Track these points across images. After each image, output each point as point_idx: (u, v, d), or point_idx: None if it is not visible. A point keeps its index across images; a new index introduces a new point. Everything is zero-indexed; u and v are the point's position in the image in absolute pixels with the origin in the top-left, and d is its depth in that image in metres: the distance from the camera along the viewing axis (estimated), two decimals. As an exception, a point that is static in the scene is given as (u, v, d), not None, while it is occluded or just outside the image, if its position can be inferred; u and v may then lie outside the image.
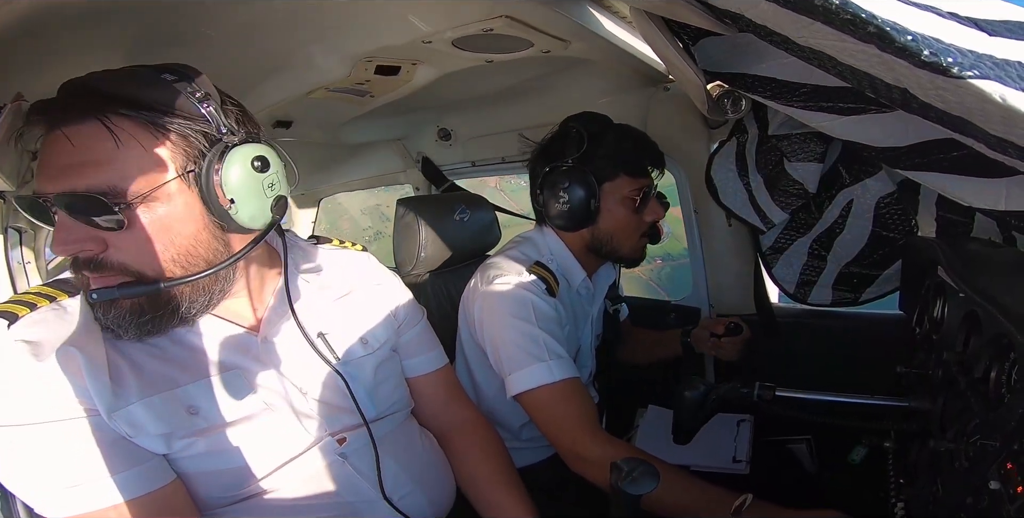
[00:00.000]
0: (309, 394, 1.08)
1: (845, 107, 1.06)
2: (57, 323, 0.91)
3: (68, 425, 0.86)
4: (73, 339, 0.89)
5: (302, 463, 1.04)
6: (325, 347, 1.12)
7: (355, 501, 1.08)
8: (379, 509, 1.10)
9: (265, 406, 1.01)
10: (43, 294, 0.94)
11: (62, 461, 0.85)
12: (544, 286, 1.52)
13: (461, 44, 1.42)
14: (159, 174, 0.86)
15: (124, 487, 0.88)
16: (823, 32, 0.61)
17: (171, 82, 0.88)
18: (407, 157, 2.88)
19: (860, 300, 1.90)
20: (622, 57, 1.60)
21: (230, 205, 0.91)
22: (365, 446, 1.11)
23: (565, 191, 1.53)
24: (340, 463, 1.08)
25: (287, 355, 1.07)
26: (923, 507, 0.94)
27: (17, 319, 0.89)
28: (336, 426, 1.09)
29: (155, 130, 0.85)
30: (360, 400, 1.13)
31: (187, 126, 0.87)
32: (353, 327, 1.18)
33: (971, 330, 0.97)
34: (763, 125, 1.78)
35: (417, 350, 1.34)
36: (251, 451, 0.99)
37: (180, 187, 0.88)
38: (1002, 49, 0.49)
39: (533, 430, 1.61)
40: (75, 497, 0.85)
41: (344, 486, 1.07)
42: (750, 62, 1.15)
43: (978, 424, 0.80)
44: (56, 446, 0.85)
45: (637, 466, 0.91)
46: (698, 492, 1.21)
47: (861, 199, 1.75)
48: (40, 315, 0.91)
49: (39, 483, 0.85)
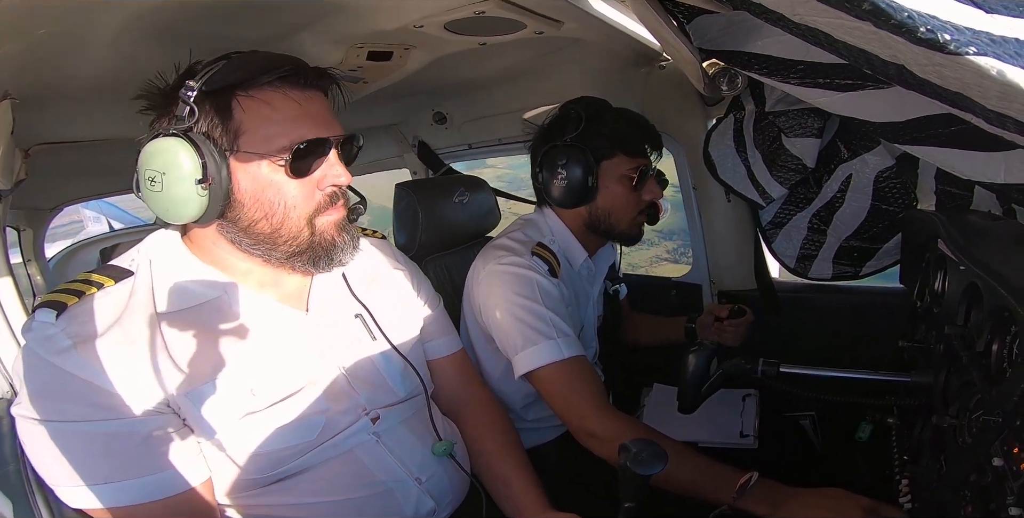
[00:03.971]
0: (349, 371, 1.12)
1: (842, 83, 1.05)
2: (107, 312, 0.94)
3: (102, 425, 0.88)
4: (127, 329, 0.93)
5: (339, 442, 1.07)
6: (364, 326, 1.17)
7: (387, 481, 1.11)
8: (409, 489, 1.13)
9: (310, 382, 1.06)
10: (91, 281, 0.97)
11: (91, 459, 0.88)
12: (547, 267, 1.53)
13: (453, 27, 1.40)
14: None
15: (146, 490, 0.90)
16: (818, 9, 0.60)
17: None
18: (403, 142, 2.87)
19: (860, 274, 1.90)
20: (616, 37, 1.59)
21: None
22: (397, 425, 1.15)
23: (563, 168, 1.54)
24: (374, 442, 1.11)
25: (330, 332, 1.12)
26: (927, 484, 0.95)
27: (65, 309, 0.91)
28: (372, 404, 1.13)
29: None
30: (393, 379, 1.17)
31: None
32: (383, 309, 1.21)
33: (972, 303, 0.97)
34: (760, 101, 1.77)
35: (437, 333, 1.38)
36: (294, 429, 1.02)
37: None
38: (1000, 26, 0.48)
39: (538, 411, 1.63)
40: (97, 494, 0.88)
41: (377, 466, 1.10)
42: (745, 40, 1.14)
43: (980, 399, 0.81)
44: (87, 444, 0.88)
45: (645, 447, 0.92)
46: (704, 469, 1.22)
47: (860, 173, 1.74)
48: (88, 304, 0.93)
49: (64, 476, 0.88)
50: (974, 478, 0.76)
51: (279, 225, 1.01)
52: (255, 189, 0.98)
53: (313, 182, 1.02)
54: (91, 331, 0.90)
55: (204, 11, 1.11)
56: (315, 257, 1.05)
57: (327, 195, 1.03)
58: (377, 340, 1.18)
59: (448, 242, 2.02)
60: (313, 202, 1.02)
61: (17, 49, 1.00)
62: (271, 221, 1.00)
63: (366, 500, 1.08)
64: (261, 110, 0.96)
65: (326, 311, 1.14)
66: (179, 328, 0.97)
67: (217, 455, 0.98)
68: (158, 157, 0.93)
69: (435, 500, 1.15)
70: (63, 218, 3.43)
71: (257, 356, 1.01)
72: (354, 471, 1.08)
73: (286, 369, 1.04)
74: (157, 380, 0.92)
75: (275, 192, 0.99)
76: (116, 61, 1.15)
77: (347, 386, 1.10)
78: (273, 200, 0.99)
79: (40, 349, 0.88)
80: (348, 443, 1.08)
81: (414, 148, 2.85)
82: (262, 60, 0.97)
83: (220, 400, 0.96)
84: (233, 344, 1.00)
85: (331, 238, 1.05)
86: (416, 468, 1.14)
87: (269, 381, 1.01)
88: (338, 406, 1.08)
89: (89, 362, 0.87)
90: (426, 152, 2.83)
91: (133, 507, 0.89)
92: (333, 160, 1.03)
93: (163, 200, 0.94)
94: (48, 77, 1.17)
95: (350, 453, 1.08)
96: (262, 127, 0.96)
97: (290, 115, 0.98)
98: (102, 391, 0.88)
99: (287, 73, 0.97)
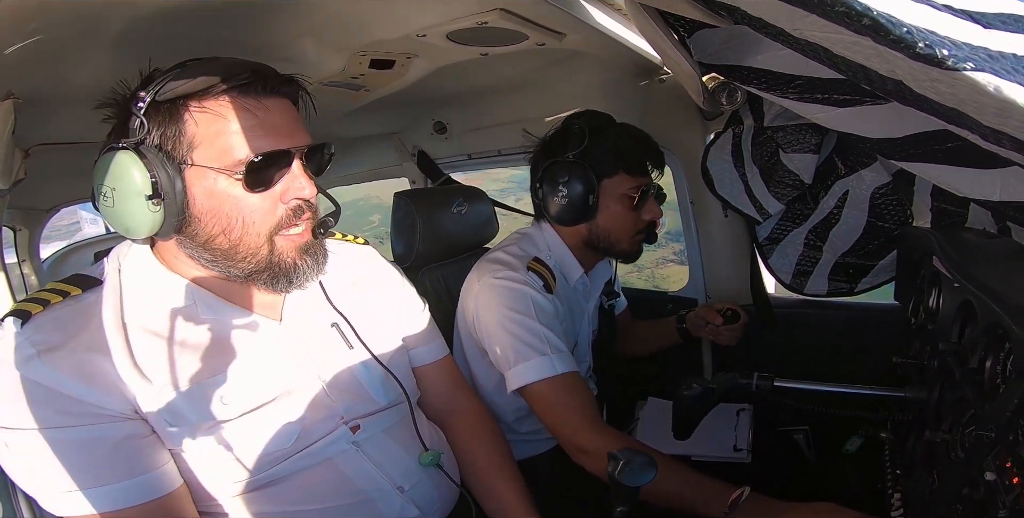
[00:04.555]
0: (326, 381, 1.10)
1: (840, 99, 1.06)
2: (72, 320, 0.93)
3: (72, 432, 0.87)
4: (92, 337, 0.91)
5: (316, 451, 1.06)
6: (340, 335, 1.15)
7: (368, 489, 1.10)
8: (391, 498, 1.12)
9: (285, 392, 1.04)
10: (56, 290, 0.96)
11: (63, 466, 0.86)
12: (542, 283, 1.53)
13: (455, 37, 1.41)
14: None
15: (123, 496, 0.90)
16: (819, 24, 0.61)
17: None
18: (403, 150, 2.88)
19: (856, 290, 1.90)
20: (617, 49, 1.60)
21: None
22: (377, 434, 1.14)
23: (564, 185, 1.54)
24: (354, 451, 1.10)
25: (306, 343, 1.11)
26: (920, 498, 0.95)
27: (30, 317, 0.90)
28: (351, 413, 1.11)
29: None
30: (373, 388, 1.16)
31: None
32: (362, 317, 1.20)
33: (966, 320, 0.97)
34: (759, 116, 1.77)
35: (421, 340, 1.36)
36: (268, 439, 1.01)
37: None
38: (997, 42, 0.49)
39: (530, 423, 1.62)
40: (75, 501, 0.87)
41: (357, 475, 1.09)
42: (745, 54, 1.15)
43: (973, 415, 0.81)
44: (58, 451, 0.86)
45: (634, 456, 0.91)
46: (696, 484, 1.22)
47: (857, 190, 1.75)
48: (54, 313, 0.92)
49: (41, 484, 0.87)
50: (967, 492, 0.76)
51: (237, 241, 0.97)
52: (212, 204, 0.95)
53: (275, 196, 0.97)
54: (56, 339, 0.89)
55: (205, 16, 1.12)
56: (273, 277, 1.01)
57: (290, 209, 0.99)
58: (355, 349, 1.16)
59: (446, 252, 2.03)
60: (275, 217, 0.98)
61: (20, 49, 1.01)
62: (229, 237, 0.97)
63: (347, 508, 1.07)
64: (215, 122, 0.92)
65: (301, 320, 1.12)
66: (146, 337, 0.95)
67: (191, 462, 0.97)
68: (108, 172, 0.91)
69: (419, 508, 1.15)
70: (64, 218, 3.44)
71: (227, 366, 1.00)
72: (334, 479, 1.07)
73: (259, 378, 1.02)
74: (123, 387, 0.90)
75: (232, 207, 0.95)
76: (117, 64, 1.15)
77: (324, 395, 1.09)
78: (231, 215, 0.95)
79: (5, 357, 0.87)
80: (327, 452, 1.07)
81: (414, 157, 2.86)
82: (217, 68, 0.92)
83: (186, 409, 0.94)
84: (201, 353, 0.99)
85: (291, 261, 1.01)
86: (399, 476, 1.13)
87: (241, 390, 1.00)
88: (314, 415, 1.07)
89: (54, 370, 0.86)
90: (425, 162, 2.84)
91: (114, 513, 0.88)
92: (296, 172, 0.98)
93: (115, 216, 0.93)
94: (50, 78, 1.17)
95: (329, 462, 1.08)
96: (217, 139, 0.92)
97: (246, 126, 0.93)
98: (68, 398, 0.87)
99: (245, 81, 0.93)
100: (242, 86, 0.93)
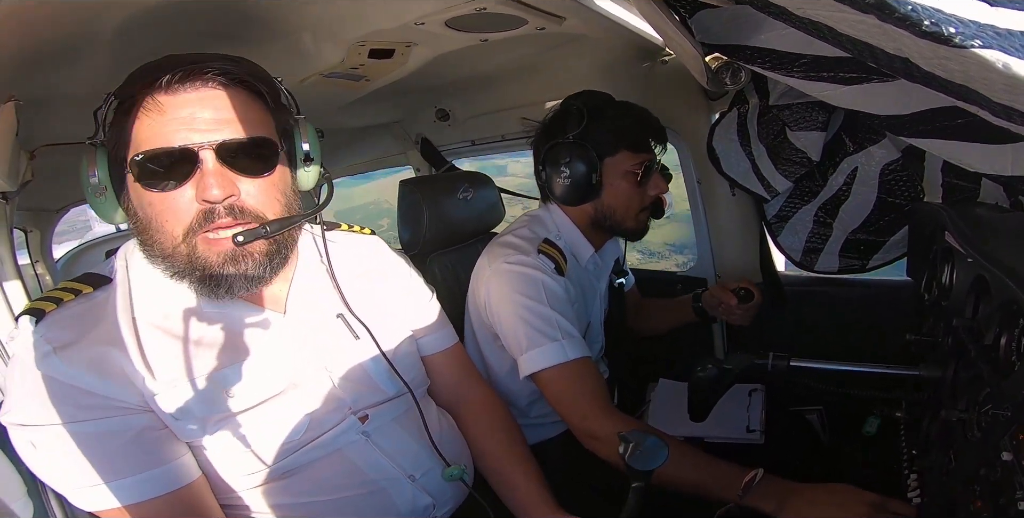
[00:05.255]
0: (333, 372, 1.11)
1: (847, 76, 1.04)
2: (85, 317, 0.95)
3: (90, 425, 0.89)
4: (105, 332, 0.94)
5: (326, 442, 1.07)
6: (346, 326, 1.15)
7: (379, 479, 1.11)
8: (403, 487, 1.13)
9: (292, 385, 1.05)
10: (69, 288, 0.98)
11: (87, 460, 0.88)
12: (553, 266, 1.53)
13: (454, 24, 1.39)
14: (272, 134, 1.00)
15: (145, 487, 0.92)
16: (822, 3, 0.59)
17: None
18: (406, 139, 2.87)
19: (867, 267, 1.89)
20: (618, 32, 1.57)
21: (304, 167, 1.06)
22: (387, 424, 1.15)
23: (566, 166, 1.54)
24: (363, 441, 1.11)
25: (311, 334, 1.11)
26: (936, 479, 0.94)
27: (44, 315, 0.92)
28: (359, 404, 1.12)
29: (265, 101, 0.99)
30: (380, 378, 1.16)
31: (276, 99, 1.02)
32: (370, 307, 1.20)
33: (980, 296, 0.96)
34: (764, 95, 1.76)
35: (429, 329, 1.37)
36: (277, 431, 1.02)
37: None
38: (1004, 19, 0.48)
39: (542, 408, 1.62)
40: (100, 495, 0.89)
41: (368, 464, 1.11)
42: (748, 34, 1.13)
43: (989, 393, 0.80)
44: (80, 445, 0.88)
45: (644, 438, 0.91)
46: (708, 468, 1.22)
47: (866, 166, 1.74)
48: (67, 310, 0.95)
49: (68, 480, 0.90)
50: (983, 472, 0.75)
51: (151, 240, 0.95)
52: (136, 202, 0.95)
53: (186, 195, 0.92)
54: (70, 336, 0.91)
55: (204, 11, 1.11)
56: (202, 281, 0.96)
57: (200, 211, 0.92)
58: (361, 339, 1.16)
59: (453, 238, 2.03)
60: (188, 217, 0.93)
61: (20, 51, 1.01)
62: (144, 235, 0.96)
63: (360, 498, 1.09)
64: (143, 119, 0.91)
65: (306, 312, 1.12)
66: (155, 332, 0.97)
67: (208, 454, 0.99)
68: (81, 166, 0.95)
69: (432, 496, 1.16)
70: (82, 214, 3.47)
71: (231, 359, 1.01)
72: (345, 470, 1.09)
73: (265, 372, 1.03)
74: (135, 381, 0.92)
75: (139, 204, 0.95)
76: (119, 61, 1.15)
77: (332, 386, 1.10)
78: (139, 213, 0.95)
79: (23, 355, 0.90)
80: (336, 442, 1.09)
81: (417, 145, 2.85)
82: (160, 65, 0.91)
83: (192, 403, 0.96)
84: (205, 348, 1.00)
85: (216, 267, 0.95)
86: (409, 465, 1.14)
87: (246, 384, 1.01)
88: (323, 407, 1.08)
89: (70, 365, 0.89)
90: (429, 149, 2.83)
91: (137, 505, 0.90)
92: (208, 170, 0.91)
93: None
94: (51, 78, 1.17)
95: (339, 452, 1.09)
96: (136, 136, 0.92)
97: (152, 122, 0.91)
98: (85, 392, 0.89)
99: (177, 76, 0.90)
100: (171, 82, 0.90)
